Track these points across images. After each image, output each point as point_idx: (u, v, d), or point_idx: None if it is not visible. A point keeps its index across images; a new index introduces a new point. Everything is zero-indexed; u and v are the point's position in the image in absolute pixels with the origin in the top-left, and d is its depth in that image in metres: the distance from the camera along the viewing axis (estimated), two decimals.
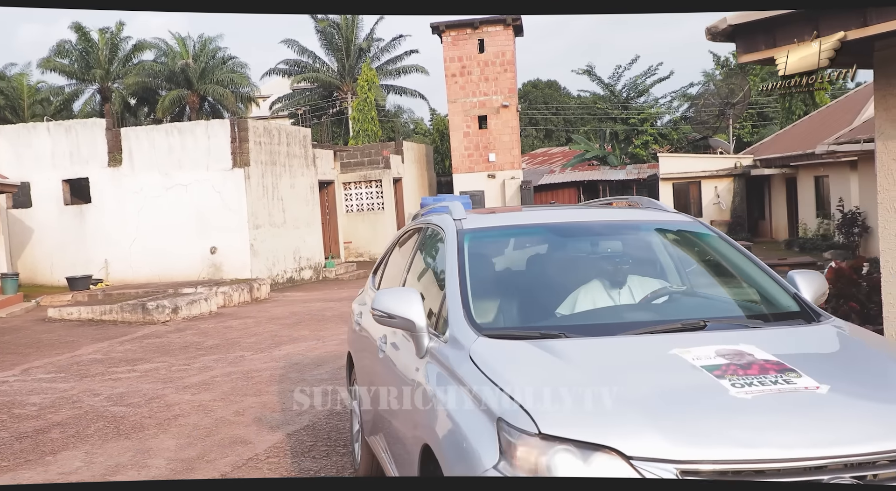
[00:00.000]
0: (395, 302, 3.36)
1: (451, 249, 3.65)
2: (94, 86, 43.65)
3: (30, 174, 18.21)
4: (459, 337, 3.10)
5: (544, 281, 3.75)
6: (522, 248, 4.07)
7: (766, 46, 5.19)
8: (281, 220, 19.41)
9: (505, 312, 3.49)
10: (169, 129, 18.52)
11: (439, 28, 28.26)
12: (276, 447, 6.10)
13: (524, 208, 5.01)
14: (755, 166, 27.03)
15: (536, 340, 3.05)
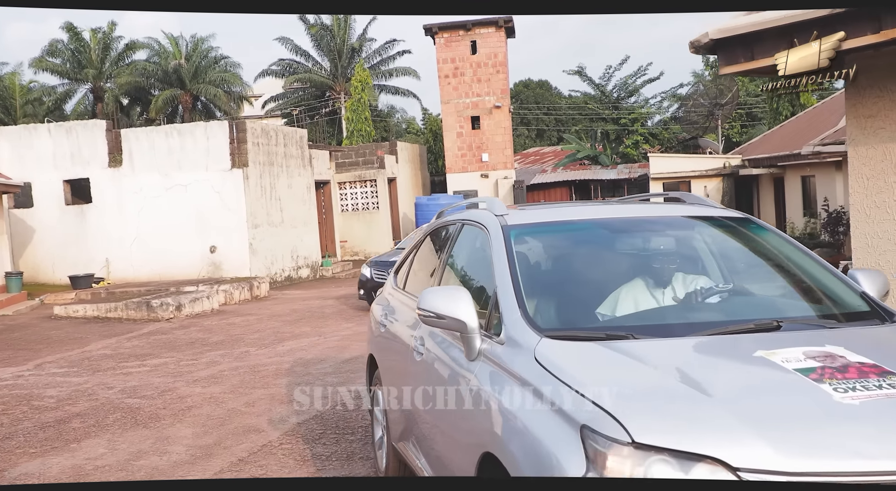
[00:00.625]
0: (444, 302, 3.19)
1: (497, 245, 3.49)
2: (86, 85, 43.83)
3: (31, 175, 18.51)
4: (519, 338, 2.95)
5: (594, 279, 3.57)
6: (566, 244, 3.89)
7: (744, 59, 5.59)
8: (279, 219, 19.77)
9: (558, 312, 3.33)
10: (169, 131, 18.85)
11: (432, 30, 28.63)
12: (288, 435, 6.47)
13: (564, 204, 4.84)
14: (743, 166, 27.51)
15: (604, 341, 2.91)
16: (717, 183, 28.59)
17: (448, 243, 4.38)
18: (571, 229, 3.92)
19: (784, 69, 5.57)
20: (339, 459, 5.77)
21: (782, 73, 5.56)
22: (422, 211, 26.21)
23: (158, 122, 42.15)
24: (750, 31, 5.43)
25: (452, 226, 4.43)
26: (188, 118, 42.73)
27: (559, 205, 4.89)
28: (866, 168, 5.73)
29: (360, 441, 6.13)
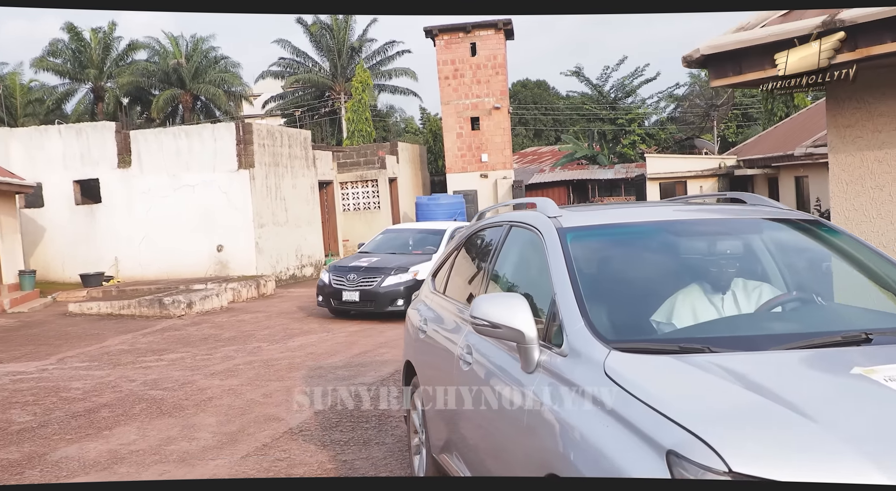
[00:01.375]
0: (500, 310, 2.99)
1: (554, 249, 3.30)
2: (87, 85, 44.22)
3: (42, 175, 18.92)
4: (584, 350, 2.75)
5: (655, 285, 3.37)
6: (625, 248, 3.68)
7: (733, 74, 6.04)
8: (284, 219, 20.21)
9: (623, 321, 3.11)
10: (176, 132, 19.28)
11: (432, 32, 29.05)
12: (306, 423, 6.92)
13: (618, 205, 4.58)
14: (738, 167, 28.02)
15: (678, 354, 2.67)
16: (713, 183, 29.09)
17: (493, 247, 4.15)
18: (629, 232, 3.70)
19: (784, 69, 5.80)
20: (357, 443, 6.22)
21: (782, 73, 5.74)
22: (422, 211, 26.66)
23: (159, 122, 42.68)
24: (738, 47, 5.87)
25: (497, 228, 4.23)
26: (188, 118, 43.22)
27: (613, 206, 4.76)
28: (845, 174, 6.19)
29: (374, 429, 6.58)
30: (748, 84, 6.30)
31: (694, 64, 6.28)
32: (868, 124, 6.01)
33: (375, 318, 12.94)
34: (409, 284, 12.62)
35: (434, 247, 13.65)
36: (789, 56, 5.72)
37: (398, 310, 12.43)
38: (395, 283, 12.77)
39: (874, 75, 5.82)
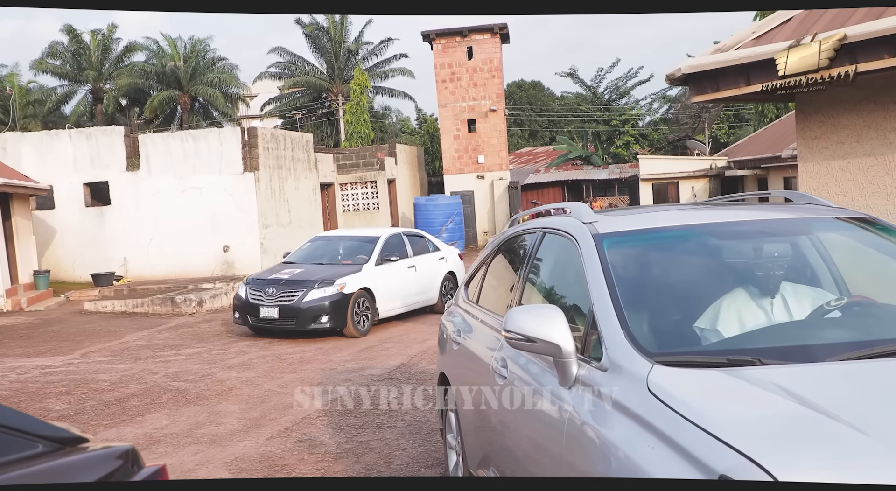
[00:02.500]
0: (534, 322, 2.83)
1: (590, 257, 3.15)
2: (86, 87, 44.64)
3: (53, 178, 19.49)
4: (625, 364, 2.61)
5: (699, 292, 3.20)
6: (666, 254, 3.49)
7: (711, 90, 6.68)
8: (287, 220, 20.82)
9: (665, 332, 2.94)
10: (184, 136, 19.88)
11: (430, 36, 29.65)
12: (323, 410, 7.54)
13: (657, 208, 4.38)
14: (729, 167, 28.71)
15: (727, 368, 2.51)
16: (704, 183, 29.77)
17: (527, 254, 4.04)
18: (670, 237, 3.49)
19: (784, 69, 6.18)
20: (370, 427, 6.84)
21: (782, 73, 6.12)
22: (420, 211, 27.31)
23: (157, 123, 43.22)
24: (716, 67, 6.52)
25: (531, 235, 4.10)
26: (187, 119, 43.74)
27: (652, 208, 4.51)
28: (813, 181, 6.84)
29: (385, 415, 7.20)
30: (725, 100, 6.94)
31: (676, 81, 6.92)
32: (832, 136, 6.66)
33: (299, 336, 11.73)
34: (336, 298, 11.47)
35: (366, 256, 12.52)
36: (789, 56, 6.09)
37: (323, 327, 11.47)
38: (318, 297, 11.44)
39: (838, 92, 6.47)
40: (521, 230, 4.38)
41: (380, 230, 13.71)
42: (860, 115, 6.43)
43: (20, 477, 1.52)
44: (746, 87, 6.46)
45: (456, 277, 14.01)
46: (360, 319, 11.83)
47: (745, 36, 6.64)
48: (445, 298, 13.49)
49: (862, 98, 6.39)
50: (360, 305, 11.82)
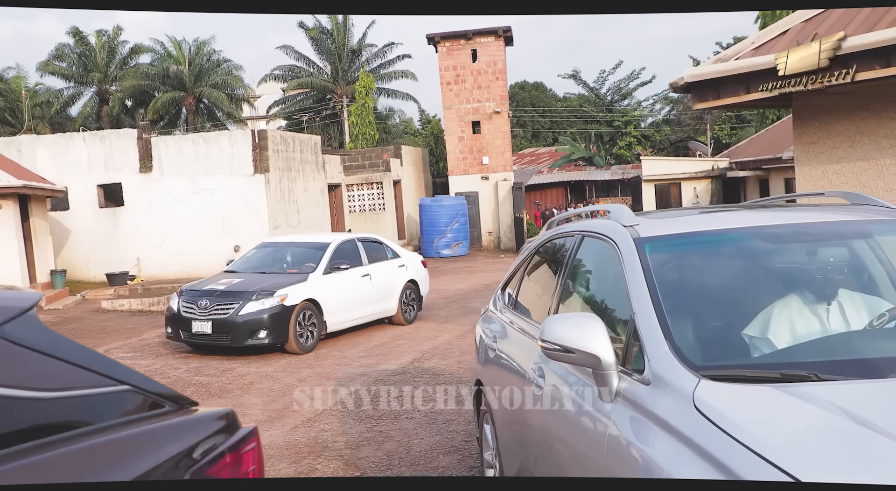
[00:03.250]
0: (572, 332, 2.66)
1: (631, 263, 3.00)
2: (92, 89, 45.08)
3: (67, 180, 19.89)
4: (669, 378, 2.44)
5: (748, 300, 3.02)
6: (712, 259, 3.30)
7: (712, 98, 7.06)
8: (296, 221, 21.22)
9: (712, 343, 2.77)
10: (195, 139, 20.27)
11: (434, 39, 30.01)
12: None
13: (703, 209, 4.23)
14: (731, 168, 29.07)
15: (780, 383, 2.35)
16: (707, 184, 30.12)
17: (565, 259, 3.88)
18: (716, 241, 3.31)
19: (784, 69, 6.43)
20: (389, 418, 7.21)
21: (782, 73, 6.39)
22: (426, 212, 27.68)
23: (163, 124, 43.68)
24: (716, 76, 6.89)
25: (569, 238, 3.93)
26: (192, 121, 44.20)
27: (696, 211, 4.32)
28: (809, 184, 7.21)
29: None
30: (726, 107, 7.32)
31: (679, 89, 7.29)
32: (828, 141, 7.03)
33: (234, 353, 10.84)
34: (275, 311, 10.51)
35: (314, 264, 11.57)
36: (789, 56, 6.35)
37: (260, 344, 10.50)
38: (256, 310, 10.48)
39: (832, 99, 6.84)
40: (559, 233, 4.20)
41: (332, 236, 12.76)
42: (854, 121, 6.80)
43: (162, 428, 1.89)
44: (746, 94, 6.84)
45: (418, 286, 13.21)
46: (305, 333, 10.83)
47: (745, 46, 7.01)
48: (407, 308, 12.83)
49: (855, 105, 6.76)
50: (304, 317, 10.83)
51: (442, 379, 8.69)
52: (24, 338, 1.73)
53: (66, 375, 1.78)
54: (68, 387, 1.78)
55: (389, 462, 5.97)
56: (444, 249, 27.47)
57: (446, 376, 8.86)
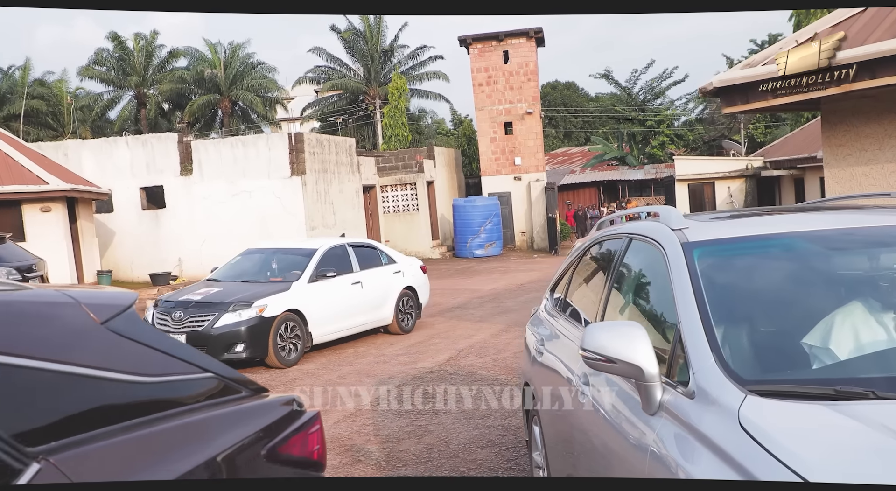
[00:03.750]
0: (615, 341, 2.56)
1: (678, 268, 2.87)
2: (130, 92, 46.05)
3: (111, 183, 20.49)
4: (714, 392, 2.33)
5: (803, 311, 2.83)
6: (766, 266, 3.12)
7: (741, 102, 7.23)
8: (332, 222, 21.62)
9: (761, 356, 2.62)
10: (234, 142, 20.78)
11: (466, 41, 30.28)
12: (380, 398, 8.22)
13: (755, 212, 3.95)
14: (765, 168, 28.95)
15: (833, 401, 2.20)
16: (740, 184, 30.03)
17: (613, 262, 3.75)
18: (770, 246, 3.13)
19: (784, 69, 6.52)
20: (427, 414, 7.48)
21: (782, 73, 6.50)
22: (459, 212, 27.97)
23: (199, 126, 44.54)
24: (744, 81, 7.06)
25: (617, 240, 3.81)
26: (227, 123, 45.01)
27: (749, 213, 3.96)
28: (838, 186, 7.35)
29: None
30: (754, 111, 7.48)
31: (709, 94, 7.48)
32: (856, 144, 7.17)
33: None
34: (253, 323, 9.91)
35: (299, 271, 10.99)
36: (789, 56, 6.49)
37: (238, 358, 9.80)
38: (232, 322, 9.88)
39: (860, 103, 6.98)
40: (608, 234, 4.08)
41: (321, 241, 12.06)
42: (882, 124, 6.93)
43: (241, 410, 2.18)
44: (774, 99, 7.00)
45: (417, 293, 12.59)
46: (287, 346, 10.22)
47: (773, 51, 7.17)
48: (404, 317, 12.31)
49: (883, 109, 6.90)
50: (287, 329, 10.24)
51: (478, 377, 8.94)
52: (127, 330, 2.02)
53: (161, 363, 2.07)
54: (163, 373, 2.07)
55: (430, 454, 6.23)
56: (478, 250, 27.73)
57: (482, 374, 9.10)
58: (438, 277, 21.85)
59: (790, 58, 6.53)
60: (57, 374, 1.74)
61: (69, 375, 1.77)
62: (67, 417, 1.74)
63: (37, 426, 1.65)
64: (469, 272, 22.80)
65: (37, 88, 43.76)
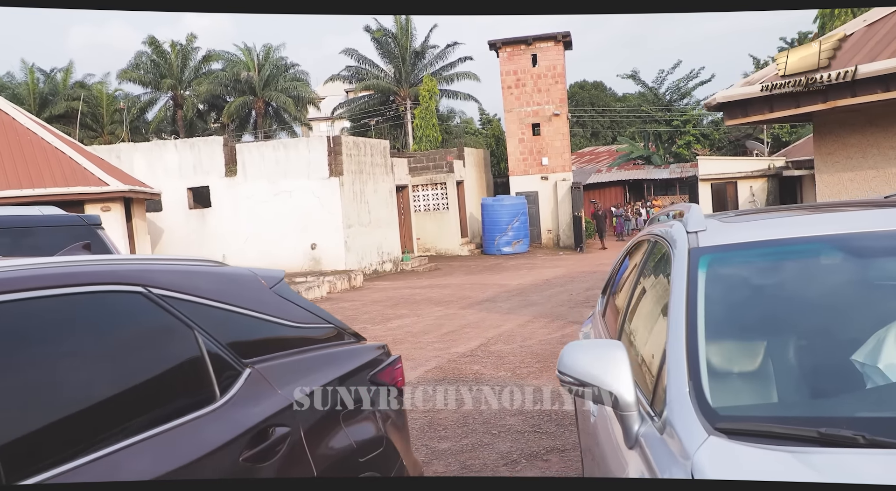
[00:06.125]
0: (589, 362, 2.20)
1: (678, 277, 2.50)
2: (167, 95, 47.59)
3: (160, 183, 21.77)
4: (678, 428, 1.96)
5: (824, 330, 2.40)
6: (786, 274, 2.67)
7: (741, 116, 8.19)
8: (367, 220, 22.77)
9: (756, 384, 2.26)
10: (276, 145, 22.01)
11: (496, 45, 31.28)
12: (420, 376, 9.27)
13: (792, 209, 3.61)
14: (787, 167, 29.62)
15: (814, 446, 1.78)
16: (763, 183, 30.71)
17: (639, 266, 3.47)
18: (796, 252, 2.68)
19: (784, 69, 7.10)
20: (463, 389, 8.53)
21: (782, 73, 7.07)
22: (487, 211, 28.99)
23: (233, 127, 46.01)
24: (744, 98, 8.02)
25: (647, 242, 3.47)
26: (261, 124, 46.46)
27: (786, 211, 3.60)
28: (828, 189, 8.29)
29: (473, 380, 8.89)
30: (753, 123, 8.43)
31: (713, 108, 8.44)
32: (843, 152, 8.11)
33: None
34: None
35: None
36: (789, 56, 7.13)
37: None
38: None
39: (846, 116, 7.92)
40: (644, 235, 3.68)
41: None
42: (864, 135, 7.86)
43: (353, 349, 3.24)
44: (770, 113, 7.95)
45: None
46: None
47: (770, 71, 8.12)
48: None
49: (865, 122, 7.82)
50: None
51: (506, 361, 9.95)
52: (283, 293, 3.09)
53: (304, 316, 3.13)
54: (306, 322, 3.13)
55: (465, 421, 7.27)
56: (506, 247, 28.73)
57: (510, 358, 10.12)
58: (468, 273, 22.90)
59: (790, 58, 7.15)
60: (253, 317, 2.81)
61: (258, 318, 2.83)
62: (259, 344, 2.81)
63: (245, 348, 2.72)
64: (497, 268, 23.81)
65: (77, 90, 45.40)
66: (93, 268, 2.35)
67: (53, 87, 45.42)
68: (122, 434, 2.11)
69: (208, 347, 2.49)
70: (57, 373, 2.08)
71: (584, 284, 17.60)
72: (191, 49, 47.24)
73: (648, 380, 2.41)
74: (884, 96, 6.87)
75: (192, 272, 2.72)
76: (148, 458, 2.13)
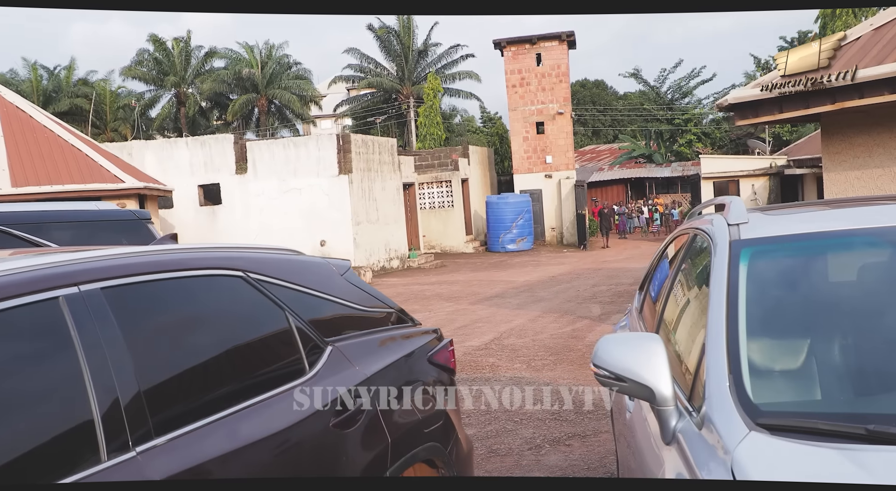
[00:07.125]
0: (625, 356, 2.15)
1: (719, 270, 2.42)
2: (170, 92, 47.79)
3: (172, 180, 22.03)
4: (717, 423, 1.91)
5: (871, 327, 2.32)
6: (833, 266, 2.61)
7: (752, 116, 8.48)
8: (375, 217, 23.07)
9: (800, 379, 2.19)
10: (286, 143, 22.29)
11: (501, 44, 31.54)
12: None
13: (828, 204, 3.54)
14: (788, 166, 29.94)
15: (862, 443, 1.72)
16: (764, 182, 31.01)
17: (677, 260, 3.42)
18: (842, 245, 2.61)
19: (784, 69, 7.27)
20: (480, 380, 8.82)
21: (782, 73, 7.24)
22: (492, 209, 29.29)
23: (236, 124, 46.26)
24: (754, 99, 8.32)
25: (686, 235, 3.41)
26: (263, 121, 46.72)
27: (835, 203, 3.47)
28: (835, 187, 8.59)
29: (489, 371, 9.18)
30: (763, 123, 8.73)
31: (724, 109, 8.74)
32: (850, 151, 8.41)
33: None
34: None
35: None
36: (789, 56, 7.36)
37: None
38: None
39: (853, 117, 8.22)
40: (682, 229, 3.64)
41: None
42: (871, 135, 8.16)
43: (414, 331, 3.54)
44: (780, 113, 8.25)
45: None
46: None
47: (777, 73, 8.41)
48: None
49: (872, 122, 8.12)
50: None
51: (520, 353, 10.25)
52: (352, 280, 3.39)
53: (370, 300, 3.43)
54: (372, 306, 3.43)
55: (488, 409, 7.57)
56: (510, 244, 29.03)
57: (524, 351, 10.41)
58: (474, 269, 23.20)
59: (790, 58, 7.37)
60: (329, 300, 3.11)
61: (334, 301, 3.13)
62: (336, 325, 3.10)
63: (325, 327, 3.01)
64: (503, 265, 24.12)
65: (81, 88, 45.60)
66: (201, 255, 2.66)
67: (57, 85, 45.56)
68: (237, 399, 2.41)
69: (297, 326, 2.80)
70: (181, 344, 2.38)
71: (590, 281, 17.90)
72: (192, 47, 47.42)
73: (687, 375, 2.36)
74: (890, 98, 7.16)
75: (279, 259, 3.02)
76: (258, 420, 2.43)
